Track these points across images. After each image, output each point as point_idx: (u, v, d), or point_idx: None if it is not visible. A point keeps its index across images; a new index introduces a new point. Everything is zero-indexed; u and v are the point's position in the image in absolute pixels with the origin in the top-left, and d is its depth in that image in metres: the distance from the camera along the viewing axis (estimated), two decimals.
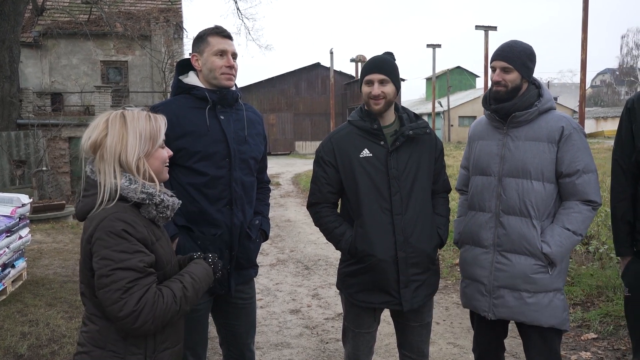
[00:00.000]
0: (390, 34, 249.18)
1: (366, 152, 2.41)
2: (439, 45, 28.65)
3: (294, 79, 36.42)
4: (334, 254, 7.09)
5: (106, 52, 19.11)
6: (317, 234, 8.21)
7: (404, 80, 36.39)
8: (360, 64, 29.98)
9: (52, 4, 18.09)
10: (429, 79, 46.50)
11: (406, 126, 2.42)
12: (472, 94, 43.29)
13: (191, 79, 2.40)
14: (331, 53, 23.28)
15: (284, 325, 4.55)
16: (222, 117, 2.37)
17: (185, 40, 19.84)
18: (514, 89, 2.41)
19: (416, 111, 34.34)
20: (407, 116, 2.50)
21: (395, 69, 2.43)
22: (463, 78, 49.28)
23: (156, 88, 19.08)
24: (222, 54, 2.33)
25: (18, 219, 5.20)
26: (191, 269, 1.81)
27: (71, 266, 6.40)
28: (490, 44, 20.95)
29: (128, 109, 1.76)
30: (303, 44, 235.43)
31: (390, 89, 2.39)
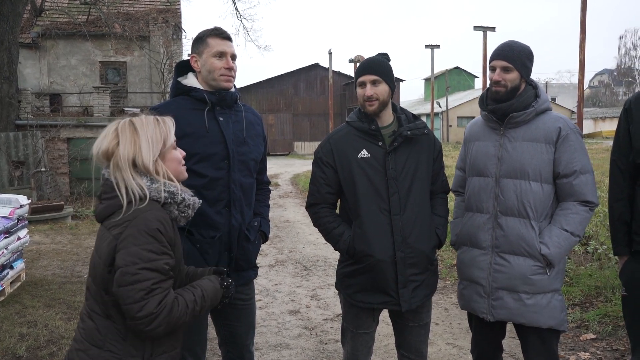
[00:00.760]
0: (389, 35, 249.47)
1: (364, 153, 2.42)
2: (437, 46, 28.59)
3: (292, 80, 36.41)
4: (332, 254, 7.08)
5: (105, 53, 19.09)
6: (316, 234, 8.21)
7: (402, 80, 36.36)
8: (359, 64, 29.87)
9: (50, 4, 18.07)
10: (427, 80, 46.51)
11: (404, 127, 2.43)
12: (470, 95, 43.35)
13: (190, 81, 2.40)
14: (330, 53, 23.25)
15: (283, 326, 4.55)
16: (221, 118, 2.36)
17: (184, 41, 19.83)
18: (513, 88, 2.42)
19: (415, 112, 34.43)
20: (405, 117, 2.50)
21: (388, 69, 2.43)
22: (461, 78, 49.33)
23: (155, 89, 19.05)
24: (221, 55, 2.33)
25: (16, 220, 5.20)
26: (205, 285, 1.81)
27: (70, 267, 6.39)
28: (488, 45, 20.89)
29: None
30: (302, 44, 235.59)
31: (383, 89, 2.39)
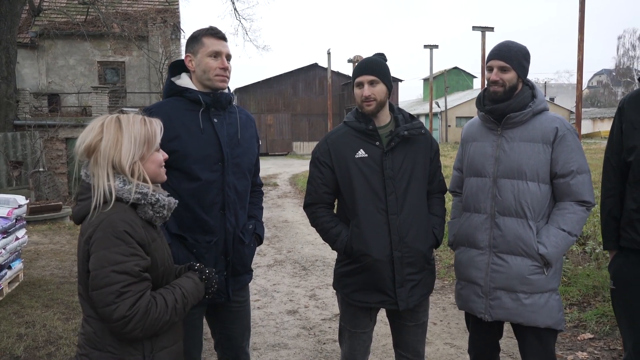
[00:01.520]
0: (388, 35, 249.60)
1: (362, 153, 2.42)
2: (436, 46, 28.61)
3: (291, 80, 36.43)
4: (331, 254, 7.09)
5: (103, 53, 19.10)
6: (314, 234, 8.21)
7: (401, 80, 36.40)
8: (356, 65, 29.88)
9: (49, 4, 18.06)
10: (426, 80, 46.55)
11: (401, 127, 2.43)
12: (469, 95, 43.40)
13: (183, 81, 2.37)
14: (328, 54, 23.26)
15: (281, 326, 4.55)
16: (215, 120, 2.34)
17: (182, 41, 19.82)
18: (511, 88, 2.42)
19: (413, 112, 34.48)
20: (402, 117, 2.51)
21: (385, 69, 2.44)
22: (460, 79, 49.39)
23: (153, 89, 19.06)
24: (216, 55, 2.31)
25: (15, 220, 5.19)
26: (182, 282, 1.80)
27: (68, 267, 6.39)
28: (487, 45, 20.92)
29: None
30: (300, 44, 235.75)
31: (380, 89, 2.40)
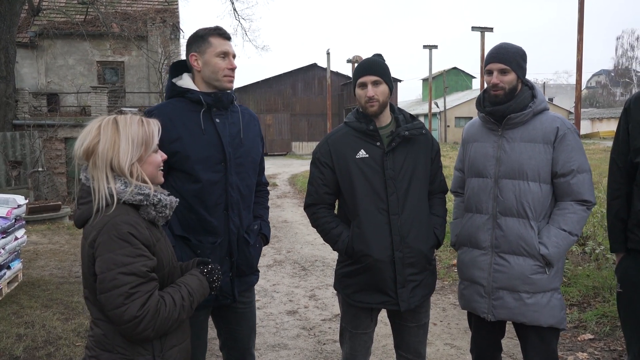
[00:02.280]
0: (387, 35, 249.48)
1: (362, 153, 2.41)
2: (435, 46, 28.61)
3: (290, 80, 36.42)
4: (330, 254, 7.09)
5: (102, 53, 19.07)
6: (314, 234, 8.21)
7: (400, 81, 36.40)
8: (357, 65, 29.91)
9: (48, 4, 18.04)
10: (425, 80, 46.58)
11: (402, 127, 2.43)
12: (468, 95, 43.44)
13: (185, 82, 2.34)
14: (328, 54, 23.28)
15: (281, 327, 4.54)
16: (217, 120, 2.32)
17: (182, 41, 19.81)
18: (511, 90, 2.43)
19: (413, 112, 34.34)
20: (403, 117, 2.50)
21: (387, 69, 2.43)
22: (459, 79, 49.41)
23: (153, 89, 19.04)
24: (224, 55, 2.29)
25: (14, 220, 5.18)
26: (187, 280, 1.80)
27: (67, 267, 6.38)
28: (486, 45, 20.95)
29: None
30: (300, 44, 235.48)
31: (383, 89, 2.39)
